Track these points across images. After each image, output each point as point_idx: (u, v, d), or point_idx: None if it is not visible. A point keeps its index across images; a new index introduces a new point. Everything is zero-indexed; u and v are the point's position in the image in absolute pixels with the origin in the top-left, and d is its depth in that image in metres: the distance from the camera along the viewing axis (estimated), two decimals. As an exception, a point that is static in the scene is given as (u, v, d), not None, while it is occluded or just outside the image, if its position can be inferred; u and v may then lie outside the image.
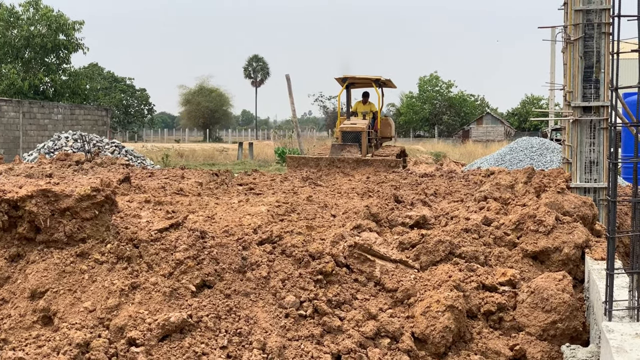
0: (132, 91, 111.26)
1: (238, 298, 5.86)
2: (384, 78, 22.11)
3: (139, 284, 5.76)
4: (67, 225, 6.10)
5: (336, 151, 19.31)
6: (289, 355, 5.38)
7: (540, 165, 21.34)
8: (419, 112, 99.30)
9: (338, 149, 19.43)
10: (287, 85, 30.56)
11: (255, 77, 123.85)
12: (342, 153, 19.09)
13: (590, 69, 8.14)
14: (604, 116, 8.12)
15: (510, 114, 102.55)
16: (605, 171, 8.18)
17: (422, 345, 5.85)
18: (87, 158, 15.89)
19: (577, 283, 6.72)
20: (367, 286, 6.44)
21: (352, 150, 19.22)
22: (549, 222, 7.11)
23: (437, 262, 6.82)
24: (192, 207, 8.49)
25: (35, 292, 5.75)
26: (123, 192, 9.46)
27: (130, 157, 24.94)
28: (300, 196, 9.82)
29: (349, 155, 18.78)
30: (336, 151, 19.31)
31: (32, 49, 48.02)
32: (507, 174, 9.84)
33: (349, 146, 19.38)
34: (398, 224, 7.81)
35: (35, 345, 5.15)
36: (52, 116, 38.32)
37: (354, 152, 19.14)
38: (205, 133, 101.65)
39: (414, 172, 15.65)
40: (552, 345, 6.00)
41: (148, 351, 5.18)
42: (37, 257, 6.02)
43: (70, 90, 49.94)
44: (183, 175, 13.18)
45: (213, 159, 43.93)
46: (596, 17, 8.04)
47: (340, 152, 19.19)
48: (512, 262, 6.93)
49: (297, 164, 18.64)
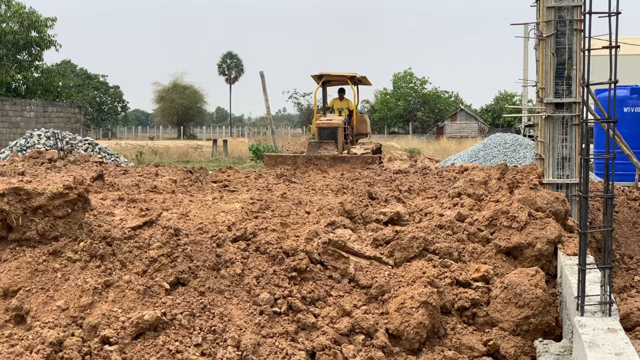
0: (105, 88, 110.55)
1: (212, 295, 5.86)
2: (359, 75, 22.12)
3: (112, 282, 5.73)
4: (40, 223, 6.07)
5: (313, 149, 19.36)
6: (263, 352, 5.38)
7: (514, 162, 21.45)
8: (393, 109, 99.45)
9: (315, 146, 19.47)
10: (261, 82, 30.52)
11: (230, 74, 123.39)
12: (319, 150, 19.15)
13: (562, 65, 8.19)
14: (576, 112, 8.18)
15: (484, 111, 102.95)
16: (577, 167, 8.23)
17: (397, 341, 5.87)
18: (60, 156, 15.75)
19: (550, 278, 6.78)
20: (342, 283, 6.45)
21: (329, 147, 19.27)
22: (522, 218, 7.15)
23: (411, 259, 6.84)
24: (166, 205, 8.46)
25: (8, 290, 5.71)
26: (96, 189, 9.40)
27: (104, 154, 24.77)
28: (274, 193, 9.81)
29: (326, 153, 18.83)
30: (313, 149, 19.36)
31: (4, 46, 47.53)
32: (480, 171, 9.87)
33: (326, 144, 19.42)
34: (372, 221, 7.82)
35: (8, 344, 5.11)
36: (25, 113, 37.99)
37: (330, 149, 19.19)
38: (180, 130, 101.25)
39: (388, 169, 15.67)
40: (526, 340, 6.05)
41: (122, 349, 5.16)
42: (9, 255, 5.98)
43: (43, 88, 49.49)
44: (157, 172, 13.11)
45: (187, 156, 43.75)
46: (568, 14, 8.09)
47: (318, 149, 19.24)
48: (486, 258, 6.96)
49: (274, 162, 18.63)
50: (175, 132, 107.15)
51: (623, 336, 4.65)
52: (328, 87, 23.56)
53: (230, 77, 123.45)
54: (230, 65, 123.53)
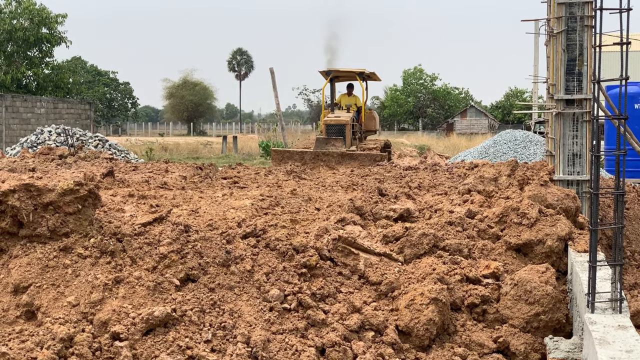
0: (115, 85, 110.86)
1: (222, 292, 5.86)
2: (368, 71, 21.96)
3: (122, 279, 5.74)
4: (50, 219, 6.08)
5: (321, 145, 19.27)
6: (273, 348, 5.39)
7: (524, 158, 21.41)
8: (403, 105, 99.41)
9: (323, 142, 19.36)
10: (271, 78, 30.49)
11: (240, 71, 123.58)
12: (326, 147, 19.05)
13: (573, 61, 8.16)
14: (587, 109, 8.15)
15: (494, 107, 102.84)
16: (588, 164, 8.21)
17: (406, 338, 5.87)
18: (70, 152, 15.80)
19: (560, 275, 6.76)
20: (351, 279, 6.44)
21: (336, 144, 19.16)
22: (532, 215, 7.13)
23: (421, 255, 6.83)
24: (176, 201, 8.47)
25: (19, 286, 5.72)
26: (106, 186, 9.42)
27: (114, 151, 24.84)
28: (284, 190, 9.81)
29: (333, 149, 18.74)
30: (321, 145, 19.27)
31: (15, 43, 47.73)
32: (490, 167, 9.87)
33: (334, 140, 19.31)
34: (382, 217, 7.82)
35: (19, 340, 5.13)
36: (35, 110, 38.11)
37: (338, 145, 19.08)
38: (190, 127, 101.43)
39: (398, 165, 15.66)
40: (536, 337, 6.03)
41: (132, 345, 5.17)
42: (20, 251, 5.99)
43: (53, 84, 49.69)
44: (167, 169, 13.13)
45: (197, 152, 43.81)
46: (579, 10, 8.06)
47: (325, 145, 19.14)
48: (496, 254, 6.95)
49: (281, 158, 18.60)
50: (185, 128, 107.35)
51: (634, 333, 4.63)
52: (337, 82, 23.32)
53: (240, 73, 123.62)
54: (240, 62, 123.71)
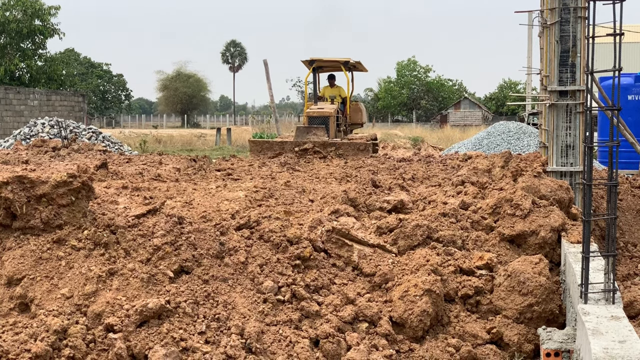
0: (109, 77, 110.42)
1: (216, 284, 5.87)
2: (353, 60, 20.84)
3: (116, 270, 5.74)
4: (44, 211, 6.07)
5: (301, 134, 18.37)
6: (267, 340, 5.39)
7: (518, 150, 21.43)
8: (397, 97, 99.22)
9: (303, 132, 18.36)
10: (265, 70, 30.41)
11: (233, 63, 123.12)
12: (307, 136, 18.17)
13: (566, 53, 8.18)
14: (580, 100, 8.17)
15: (488, 99, 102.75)
16: (581, 155, 8.23)
17: (400, 329, 5.88)
18: (63, 144, 15.78)
19: (554, 266, 6.78)
20: (345, 271, 6.45)
21: (318, 133, 18.22)
22: (525, 206, 7.14)
23: (414, 247, 6.84)
24: (170, 193, 8.47)
25: (12, 278, 5.72)
26: (100, 178, 9.41)
27: (108, 143, 24.77)
28: (278, 181, 9.81)
29: (315, 139, 17.86)
30: (301, 134, 18.37)
31: (8, 35, 47.50)
32: (484, 159, 9.88)
33: (315, 129, 18.34)
34: (376, 209, 7.82)
35: (13, 332, 5.12)
36: (28, 102, 37.99)
37: (320, 134, 18.14)
38: (183, 119, 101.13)
39: (392, 157, 15.67)
40: (529, 328, 6.05)
41: (126, 337, 5.17)
42: (14, 243, 5.99)
43: (46, 76, 49.48)
44: (161, 161, 13.13)
45: (191, 144, 43.70)
46: (572, 1, 8.07)
47: (306, 135, 18.25)
48: (489, 246, 6.96)
49: (260, 149, 17.79)
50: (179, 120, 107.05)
51: (627, 324, 4.65)
52: (320, 73, 22.29)
53: (234, 65, 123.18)
54: (233, 54, 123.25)
